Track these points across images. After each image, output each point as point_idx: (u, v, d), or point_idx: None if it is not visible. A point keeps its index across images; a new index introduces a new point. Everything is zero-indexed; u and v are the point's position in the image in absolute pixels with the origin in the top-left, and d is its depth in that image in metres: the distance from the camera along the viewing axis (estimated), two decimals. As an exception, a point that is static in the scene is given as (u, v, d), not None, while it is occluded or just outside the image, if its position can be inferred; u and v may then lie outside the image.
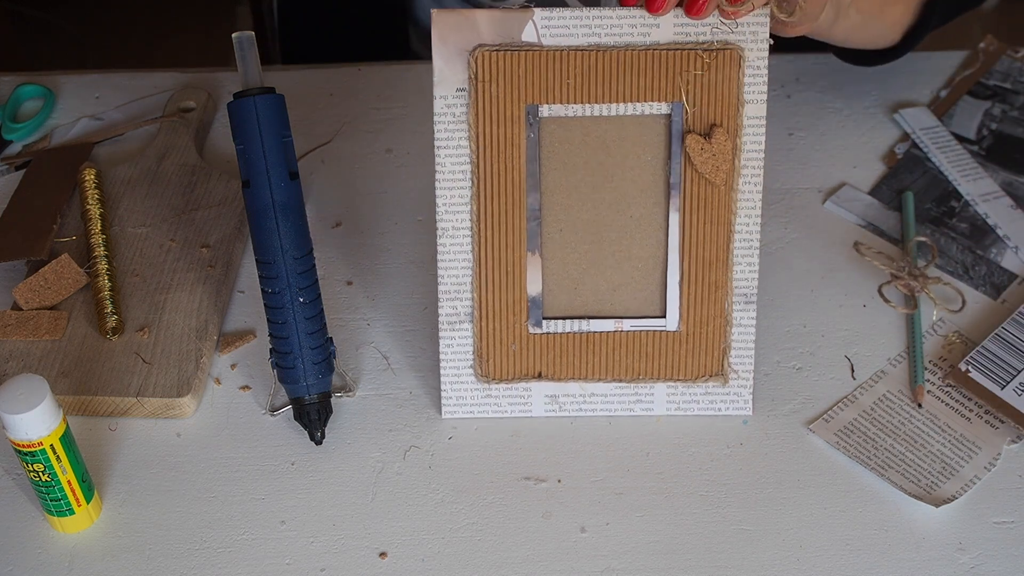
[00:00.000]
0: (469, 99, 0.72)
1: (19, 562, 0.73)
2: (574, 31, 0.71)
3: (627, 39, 0.71)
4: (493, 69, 0.72)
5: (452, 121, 0.73)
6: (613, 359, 0.77)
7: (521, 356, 0.77)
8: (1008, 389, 0.79)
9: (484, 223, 0.75)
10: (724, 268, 0.75)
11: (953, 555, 0.72)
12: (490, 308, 0.76)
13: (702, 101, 0.73)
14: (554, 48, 0.71)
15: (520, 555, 0.72)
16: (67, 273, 0.85)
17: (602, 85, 0.72)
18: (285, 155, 0.76)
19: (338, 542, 0.73)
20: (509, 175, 0.74)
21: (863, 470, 0.76)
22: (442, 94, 0.72)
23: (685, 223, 0.75)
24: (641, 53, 0.71)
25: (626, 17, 0.71)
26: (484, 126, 0.73)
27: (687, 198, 0.74)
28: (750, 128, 0.73)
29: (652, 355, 0.77)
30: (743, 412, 0.79)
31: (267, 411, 0.80)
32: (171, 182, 0.94)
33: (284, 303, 0.76)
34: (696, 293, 0.76)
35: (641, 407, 0.79)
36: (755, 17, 0.71)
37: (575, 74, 0.72)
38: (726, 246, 0.75)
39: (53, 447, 0.69)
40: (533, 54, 0.71)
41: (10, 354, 0.82)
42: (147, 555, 0.73)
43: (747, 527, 0.74)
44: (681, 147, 0.73)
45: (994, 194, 0.94)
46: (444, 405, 0.79)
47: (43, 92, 1.05)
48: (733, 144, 0.73)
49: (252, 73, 0.78)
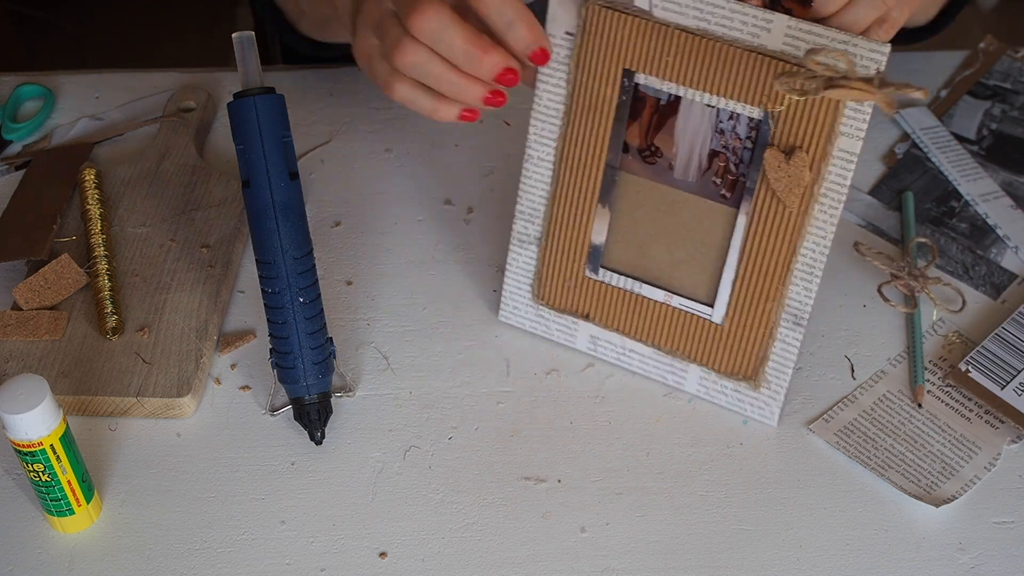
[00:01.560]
0: (574, 45, 0.74)
1: (19, 562, 0.73)
2: (685, 10, 0.70)
3: (735, 34, 0.69)
4: (601, 24, 0.72)
5: (556, 60, 0.75)
6: (657, 327, 0.79)
7: (574, 293, 0.80)
8: (1008, 389, 0.79)
9: (565, 164, 0.77)
10: (779, 284, 0.74)
11: (953, 555, 0.72)
12: (555, 240, 0.79)
13: (793, 120, 0.70)
14: (662, 21, 0.71)
15: (520, 555, 0.72)
16: (67, 273, 0.85)
17: (699, 72, 0.71)
18: (285, 155, 0.76)
19: (338, 542, 0.73)
20: (594, 128, 0.75)
21: (863, 470, 0.76)
22: (552, 33, 0.74)
23: (750, 229, 0.74)
24: (745, 52, 0.69)
25: (740, 12, 0.68)
26: (582, 75, 0.74)
27: (758, 205, 0.73)
28: (839, 160, 0.70)
29: (693, 337, 0.78)
30: (768, 421, 0.78)
31: (267, 411, 0.80)
32: (171, 182, 0.94)
33: (284, 303, 0.76)
34: (746, 296, 0.75)
35: (674, 379, 0.80)
36: (872, 50, 0.66)
37: (676, 52, 0.71)
38: (786, 264, 0.73)
39: (53, 447, 0.69)
40: (641, 22, 0.71)
41: (10, 354, 0.82)
42: (147, 555, 0.73)
43: (747, 527, 0.74)
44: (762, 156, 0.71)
45: (994, 194, 0.94)
46: (502, 311, 0.84)
47: (43, 92, 1.05)
48: (815, 172, 0.70)
49: (252, 73, 0.78)
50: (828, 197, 0.71)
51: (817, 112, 0.69)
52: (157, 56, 2.38)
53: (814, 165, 0.70)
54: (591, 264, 0.79)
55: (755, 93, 0.70)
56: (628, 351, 0.81)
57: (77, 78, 1.07)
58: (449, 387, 0.82)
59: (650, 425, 0.79)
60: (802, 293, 0.74)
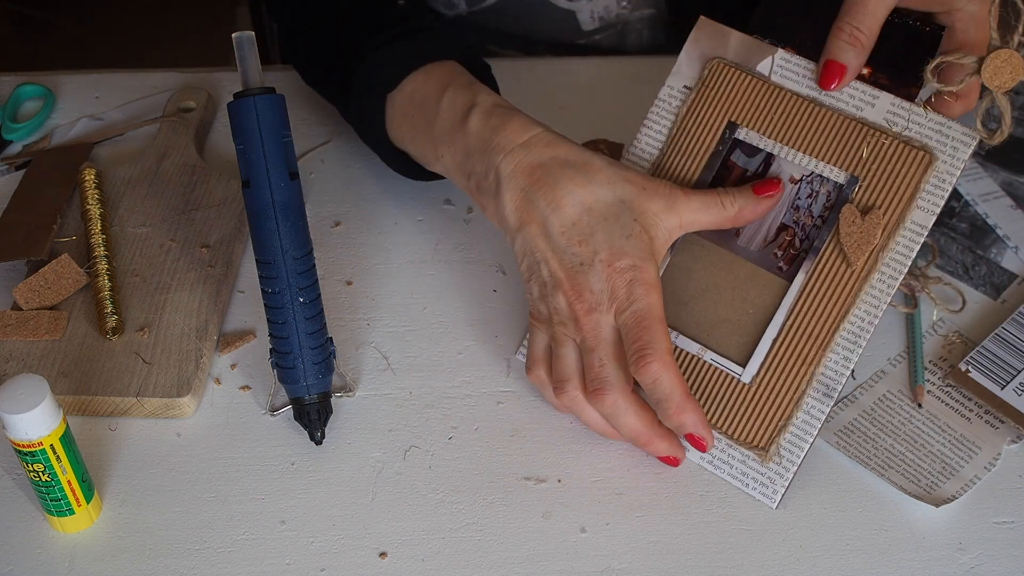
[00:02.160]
0: (687, 97, 0.80)
1: (19, 562, 0.73)
2: (801, 79, 0.77)
3: (841, 105, 0.76)
4: (719, 79, 0.79)
5: (666, 110, 0.80)
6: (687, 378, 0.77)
7: None
8: (1008, 389, 0.79)
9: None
10: (821, 349, 0.74)
11: (953, 555, 0.72)
12: None
13: (877, 183, 0.74)
14: (776, 85, 0.77)
15: (520, 555, 0.72)
16: (67, 273, 0.85)
17: (799, 133, 0.76)
18: (285, 155, 0.76)
19: (338, 542, 0.73)
20: (682, 173, 0.79)
21: (863, 470, 0.76)
22: (671, 84, 0.80)
23: (807, 287, 0.74)
24: (848, 121, 0.75)
25: (851, 87, 0.75)
26: (686, 123, 0.79)
27: (821, 265, 0.74)
28: (909, 232, 0.73)
29: (715, 397, 0.76)
30: (768, 502, 0.74)
31: (267, 411, 0.80)
32: (171, 182, 0.94)
33: (284, 303, 0.76)
34: (784, 358, 0.75)
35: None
36: (963, 135, 0.72)
37: (782, 113, 0.77)
38: (833, 329, 0.74)
39: (53, 447, 0.69)
40: (757, 81, 0.78)
41: (10, 354, 0.82)
42: (147, 555, 0.73)
43: (747, 527, 0.74)
44: (837, 217, 0.74)
45: (994, 194, 0.94)
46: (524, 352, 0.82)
47: (43, 92, 1.05)
48: (886, 237, 0.73)
49: (252, 73, 0.78)
50: (890, 267, 0.73)
51: (900, 179, 0.73)
52: (157, 56, 2.38)
53: (887, 229, 0.73)
54: None
55: (845, 159, 0.75)
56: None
57: (77, 78, 1.07)
58: (449, 387, 0.82)
59: (650, 425, 0.79)
60: (840, 363, 0.74)
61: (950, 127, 0.73)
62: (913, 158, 0.73)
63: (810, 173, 0.76)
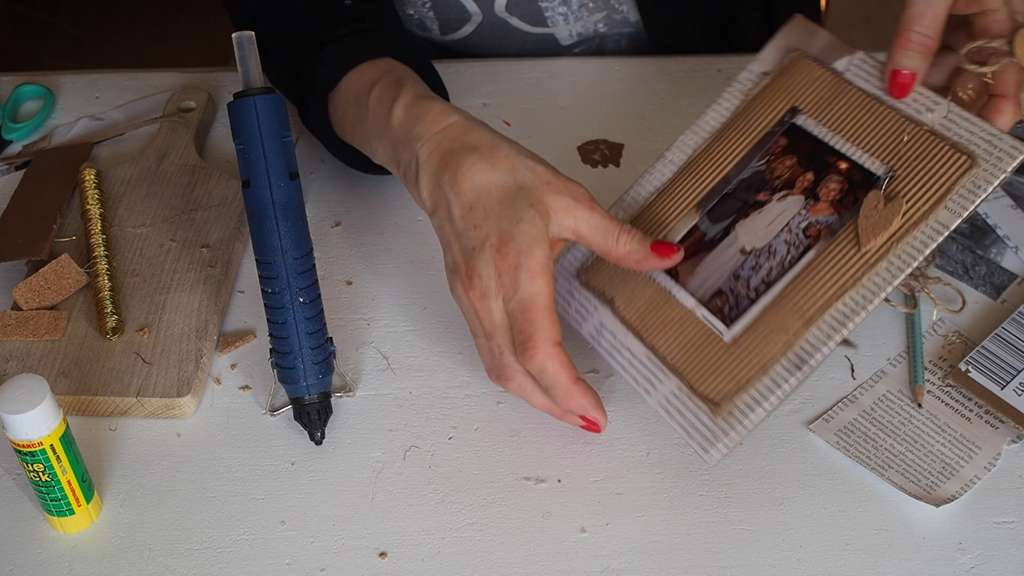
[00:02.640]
0: (763, 83, 0.82)
1: (19, 562, 0.73)
2: (872, 79, 0.78)
3: (902, 107, 0.77)
4: (794, 68, 0.81)
5: (740, 91, 0.83)
6: (668, 332, 0.77)
7: (608, 271, 0.80)
8: (1008, 389, 0.79)
9: (687, 168, 0.81)
10: (804, 327, 0.73)
11: (953, 555, 0.72)
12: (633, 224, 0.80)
13: (912, 176, 0.74)
14: (847, 81, 0.79)
15: (520, 555, 0.72)
16: (67, 273, 0.85)
17: (853, 126, 0.77)
18: (285, 155, 0.76)
19: (338, 542, 0.73)
20: (734, 145, 0.81)
21: (863, 470, 0.76)
22: (751, 69, 0.83)
23: (813, 263, 0.74)
24: (906, 122, 0.76)
25: (917, 91, 0.76)
26: (754, 101, 0.82)
27: (833, 246, 0.74)
28: (929, 230, 0.72)
29: (694, 347, 0.76)
30: (706, 457, 0.73)
31: (267, 411, 0.80)
32: (171, 182, 0.94)
33: (284, 303, 0.76)
34: (768, 324, 0.74)
35: (643, 387, 0.77)
36: (1012, 147, 0.72)
37: (844, 107, 0.78)
38: (824, 306, 0.73)
39: (53, 447, 0.69)
40: (828, 74, 0.80)
41: (10, 354, 0.82)
42: (147, 555, 0.73)
43: (747, 527, 0.74)
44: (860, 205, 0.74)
45: (994, 194, 0.94)
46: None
47: (43, 92, 1.05)
48: (905, 230, 0.72)
49: (252, 73, 0.78)
50: (900, 259, 0.72)
51: (936, 177, 0.73)
52: (157, 56, 2.38)
53: (908, 221, 0.73)
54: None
55: (890, 154, 0.75)
56: (621, 347, 0.79)
57: (77, 78, 1.07)
58: (449, 387, 0.82)
59: (650, 425, 0.79)
60: (819, 339, 0.72)
61: (1001, 138, 0.72)
62: (955, 160, 0.73)
63: (763, 246, 0.76)
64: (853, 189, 0.75)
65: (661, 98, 1.03)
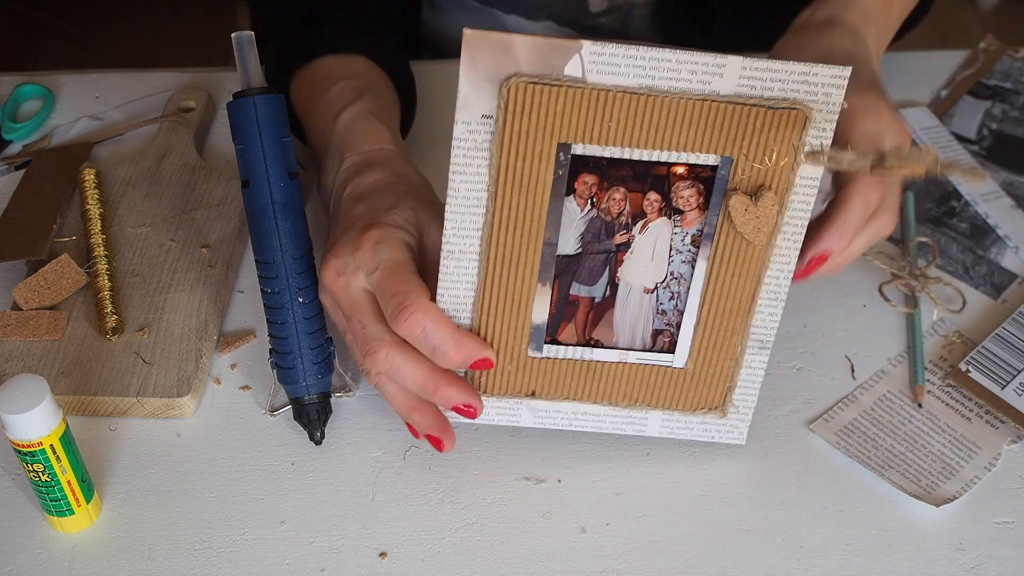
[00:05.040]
0: (495, 128, 0.66)
1: (19, 562, 0.73)
2: (625, 70, 0.64)
3: (684, 85, 0.65)
4: (528, 102, 0.65)
5: (472, 148, 0.66)
6: (613, 387, 0.75)
7: (516, 376, 0.74)
8: (1008, 389, 0.79)
9: (494, 252, 0.70)
10: (745, 317, 0.72)
11: (953, 555, 0.72)
12: (489, 332, 0.72)
13: (754, 157, 0.67)
14: (600, 86, 0.64)
15: (520, 555, 0.72)
16: (67, 273, 0.85)
17: (648, 131, 0.66)
18: (285, 155, 0.76)
19: (338, 542, 0.73)
20: (529, 210, 0.68)
21: (863, 470, 0.76)
22: (465, 119, 0.66)
23: (712, 274, 0.71)
24: (698, 103, 0.65)
25: (687, 62, 0.64)
26: (508, 158, 0.67)
27: (719, 250, 0.70)
28: (802, 188, 0.68)
29: (654, 387, 0.75)
30: (736, 441, 0.77)
31: (267, 411, 0.80)
32: (171, 182, 0.94)
33: (284, 303, 0.76)
34: (710, 337, 0.73)
35: (633, 428, 0.76)
36: (831, 78, 0.65)
37: (620, 116, 0.65)
38: (751, 297, 0.72)
39: (53, 447, 0.69)
40: (575, 91, 0.65)
41: (10, 354, 0.82)
42: (147, 555, 0.73)
43: (747, 527, 0.74)
44: (723, 201, 0.68)
45: (994, 194, 0.94)
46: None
47: (43, 92, 1.05)
48: (780, 204, 0.68)
49: (252, 73, 0.78)
50: (791, 225, 0.70)
51: (781, 148, 0.67)
52: (157, 56, 2.38)
53: (779, 197, 0.68)
54: (534, 343, 0.73)
55: (712, 142, 0.66)
56: (580, 414, 0.76)
57: (77, 78, 1.07)
58: (449, 387, 0.82)
59: (650, 425, 0.79)
60: (768, 319, 0.72)
61: (815, 73, 0.64)
62: (784, 120, 0.66)
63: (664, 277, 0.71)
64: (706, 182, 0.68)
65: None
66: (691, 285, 0.71)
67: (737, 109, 0.65)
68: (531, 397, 0.75)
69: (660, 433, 0.76)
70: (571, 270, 0.71)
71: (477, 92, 0.65)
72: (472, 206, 0.68)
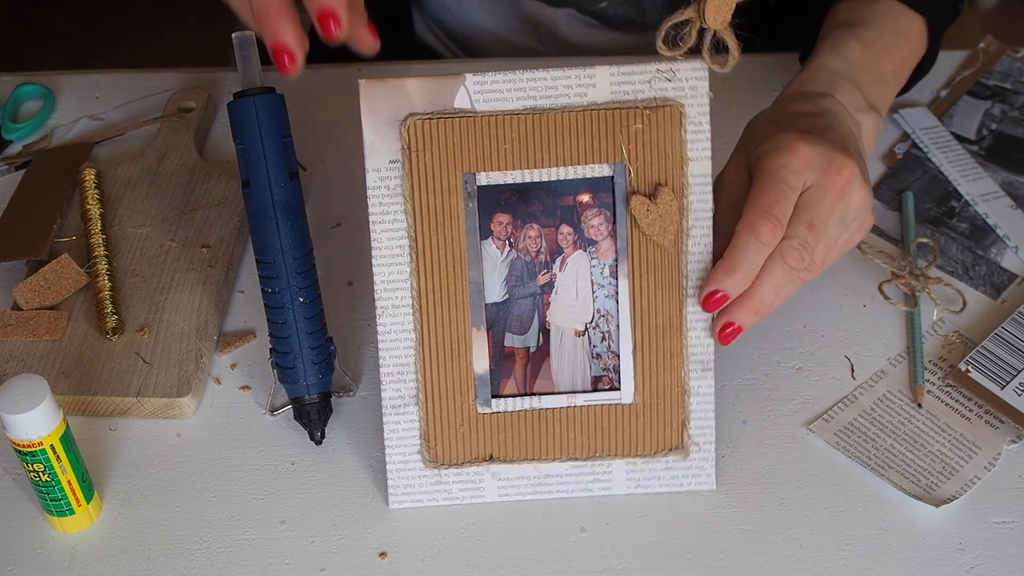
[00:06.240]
0: (403, 170, 0.70)
1: (19, 562, 0.73)
2: (508, 95, 0.69)
3: (564, 100, 0.70)
4: (427, 138, 0.69)
5: (387, 194, 0.71)
6: (568, 436, 0.73)
7: (471, 438, 0.73)
8: (1008, 389, 0.79)
9: (425, 299, 0.71)
10: (678, 335, 0.72)
11: (953, 555, 0.72)
12: (435, 389, 0.72)
13: (645, 160, 0.70)
14: (489, 113, 0.69)
15: (520, 555, 0.72)
16: (67, 273, 0.85)
17: (541, 149, 0.70)
18: (285, 155, 0.76)
19: (338, 542, 0.73)
20: (449, 247, 0.71)
21: (863, 470, 0.76)
22: (375, 167, 0.70)
23: (634, 289, 0.71)
24: (579, 114, 0.69)
25: (561, 78, 0.69)
26: (420, 197, 0.70)
27: (635, 262, 0.71)
28: (696, 187, 0.70)
29: (608, 430, 0.73)
30: (706, 487, 0.74)
31: (267, 411, 0.80)
32: (171, 182, 0.94)
33: (284, 303, 0.76)
34: (651, 362, 0.72)
35: (600, 487, 0.75)
36: (694, 71, 0.69)
37: (512, 139, 0.70)
38: (679, 312, 0.72)
39: (53, 447, 0.69)
40: (467, 120, 0.69)
41: (10, 354, 0.82)
42: (147, 555, 0.73)
43: (747, 527, 0.74)
44: (627, 210, 0.70)
45: (994, 194, 0.94)
46: (391, 495, 0.74)
47: (43, 92, 1.05)
48: (680, 203, 0.70)
49: (252, 73, 0.78)
50: (697, 227, 0.71)
51: (664, 145, 0.70)
52: (157, 56, 2.38)
53: (676, 197, 0.70)
54: (480, 397, 0.72)
55: (601, 150, 0.70)
56: (544, 478, 0.74)
57: (77, 78, 1.07)
58: (449, 387, 0.82)
59: (650, 425, 0.79)
60: (702, 336, 0.72)
61: (677, 70, 0.69)
62: (661, 118, 0.69)
63: (591, 317, 0.72)
64: (610, 207, 0.71)
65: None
66: (619, 315, 0.72)
67: (616, 114, 0.69)
68: (490, 461, 0.74)
69: (627, 489, 0.75)
70: (502, 319, 0.72)
71: (381, 138, 0.70)
72: (396, 255, 0.71)
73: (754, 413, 0.79)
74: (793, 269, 0.70)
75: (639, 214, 0.70)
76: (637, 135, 0.70)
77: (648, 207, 0.70)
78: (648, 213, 0.70)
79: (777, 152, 0.71)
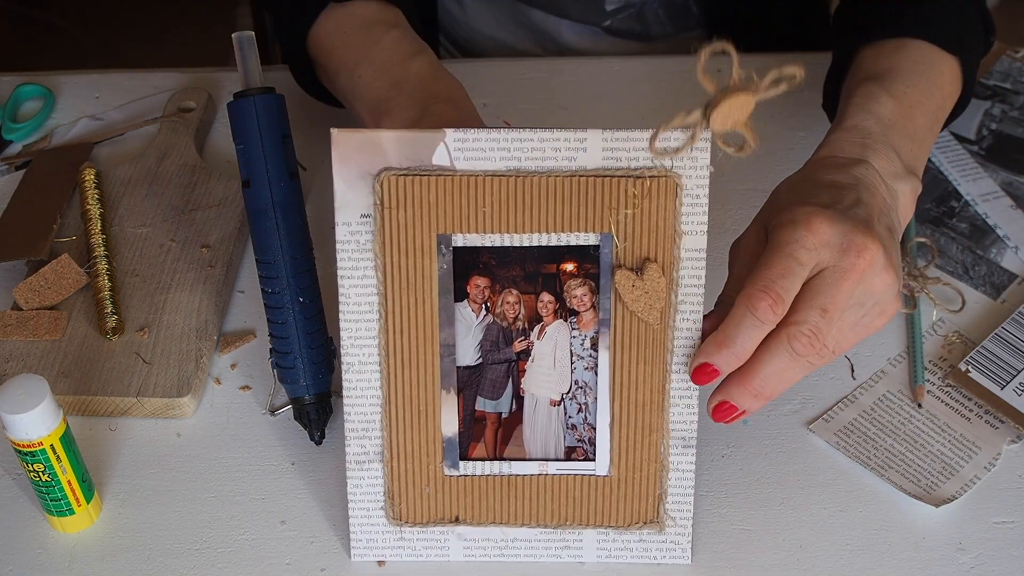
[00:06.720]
0: (375, 226, 0.66)
1: (19, 562, 0.73)
2: (491, 154, 0.65)
3: (550, 163, 0.65)
4: (401, 194, 0.65)
5: (356, 250, 0.67)
6: (538, 504, 0.71)
7: (436, 499, 0.71)
8: (1008, 389, 0.79)
9: (393, 358, 0.68)
10: (659, 410, 0.68)
11: (953, 555, 0.72)
12: (401, 448, 0.70)
13: (634, 233, 0.66)
14: (469, 172, 0.65)
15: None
16: (67, 273, 0.85)
17: (522, 214, 0.66)
18: (285, 155, 0.76)
19: (338, 542, 0.73)
20: (420, 308, 0.67)
21: (863, 470, 0.76)
22: (344, 220, 0.66)
23: (616, 362, 0.68)
24: (566, 179, 0.65)
25: (549, 140, 0.65)
26: (392, 256, 0.67)
27: (618, 335, 0.67)
28: (688, 262, 0.66)
29: (580, 500, 0.70)
30: (681, 561, 0.71)
31: (267, 411, 0.80)
32: (171, 182, 0.94)
33: (284, 303, 0.76)
34: (628, 436, 0.69)
35: (569, 554, 0.72)
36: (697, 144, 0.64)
37: (492, 201, 0.66)
38: (661, 387, 0.68)
39: (53, 447, 0.69)
40: (445, 179, 0.65)
41: (10, 354, 0.82)
42: (147, 555, 0.73)
43: (747, 527, 0.74)
44: (611, 282, 0.67)
45: (994, 194, 0.94)
46: (354, 548, 0.72)
47: (43, 92, 1.05)
48: (668, 279, 0.67)
49: (252, 73, 0.78)
50: (686, 303, 0.67)
51: (655, 218, 0.66)
52: (157, 56, 2.38)
53: (666, 272, 0.66)
54: (448, 460, 0.70)
55: (587, 219, 0.66)
56: (511, 541, 0.72)
57: (77, 78, 1.07)
58: (449, 387, 0.82)
59: (650, 425, 0.79)
60: (684, 412, 0.69)
61: (675, 138, 0.64)
62: (656, 188, 0.65)
63: (568, 388, 0.69)
64: (595, 278, 0.67)
65: (661, 98, 1.03)
66: (598, 387, 0.69)
67: (606, 182, 0.65)
68: (455, 523, 0.71)
69: (598, 558, 0.72)
70: (474, 383, 0.69)
71: (353, 191, 0.66)
72: (365, 312, 0.68)
73: (754, 413, 0.79)
74: (800, 356, 0.65)
75: (624, 290, 0.66)
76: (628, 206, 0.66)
77: (634, 283, 0.66)
78: (634, 289, 0.66)
79: (793, 225, 0.66)
